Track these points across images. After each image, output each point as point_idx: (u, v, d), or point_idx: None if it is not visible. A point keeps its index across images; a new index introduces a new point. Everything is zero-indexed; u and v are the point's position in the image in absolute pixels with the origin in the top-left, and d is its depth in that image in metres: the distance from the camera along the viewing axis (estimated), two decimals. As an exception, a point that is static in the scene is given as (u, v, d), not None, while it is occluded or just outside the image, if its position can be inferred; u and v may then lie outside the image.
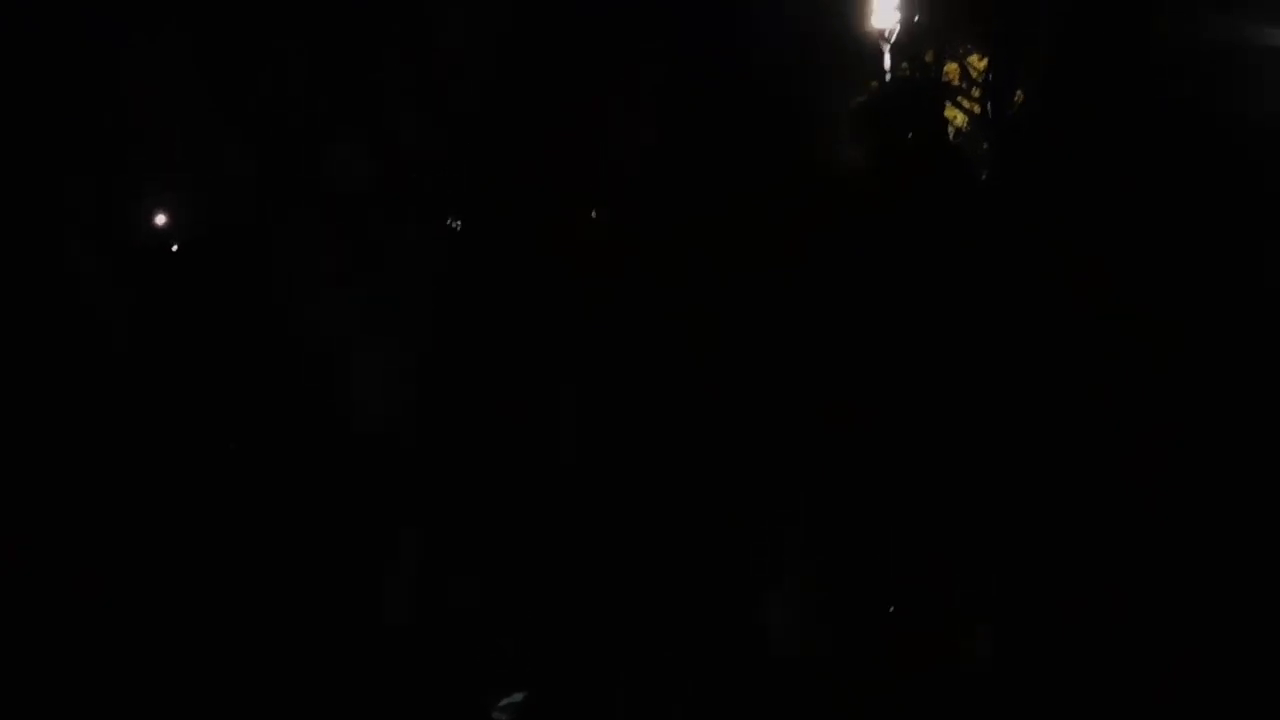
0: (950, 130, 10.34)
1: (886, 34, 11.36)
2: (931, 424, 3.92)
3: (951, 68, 11.61)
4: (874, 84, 11.21)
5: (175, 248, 7.10)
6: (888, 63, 11.50)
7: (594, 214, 7.11)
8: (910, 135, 6.08)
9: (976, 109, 10.98)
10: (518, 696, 4.18)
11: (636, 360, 4.50)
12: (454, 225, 7.72)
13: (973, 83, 11.54)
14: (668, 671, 3.94)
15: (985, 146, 10.39)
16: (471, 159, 7.61)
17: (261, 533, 4.43)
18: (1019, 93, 10.39)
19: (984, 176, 8.60)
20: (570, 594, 4.20)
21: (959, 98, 11.24)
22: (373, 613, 4.23)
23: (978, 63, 11.44)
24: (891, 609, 3.83)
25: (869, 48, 11.38)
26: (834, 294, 4.37)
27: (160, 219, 7.68)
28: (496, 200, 7.39)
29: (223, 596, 4.29)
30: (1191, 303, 3.22)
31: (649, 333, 4.56)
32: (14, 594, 4.33)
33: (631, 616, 4.13)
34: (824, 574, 3.95)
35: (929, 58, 11.58)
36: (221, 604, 4.27)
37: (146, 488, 4.57)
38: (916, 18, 11.27)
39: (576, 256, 5.39)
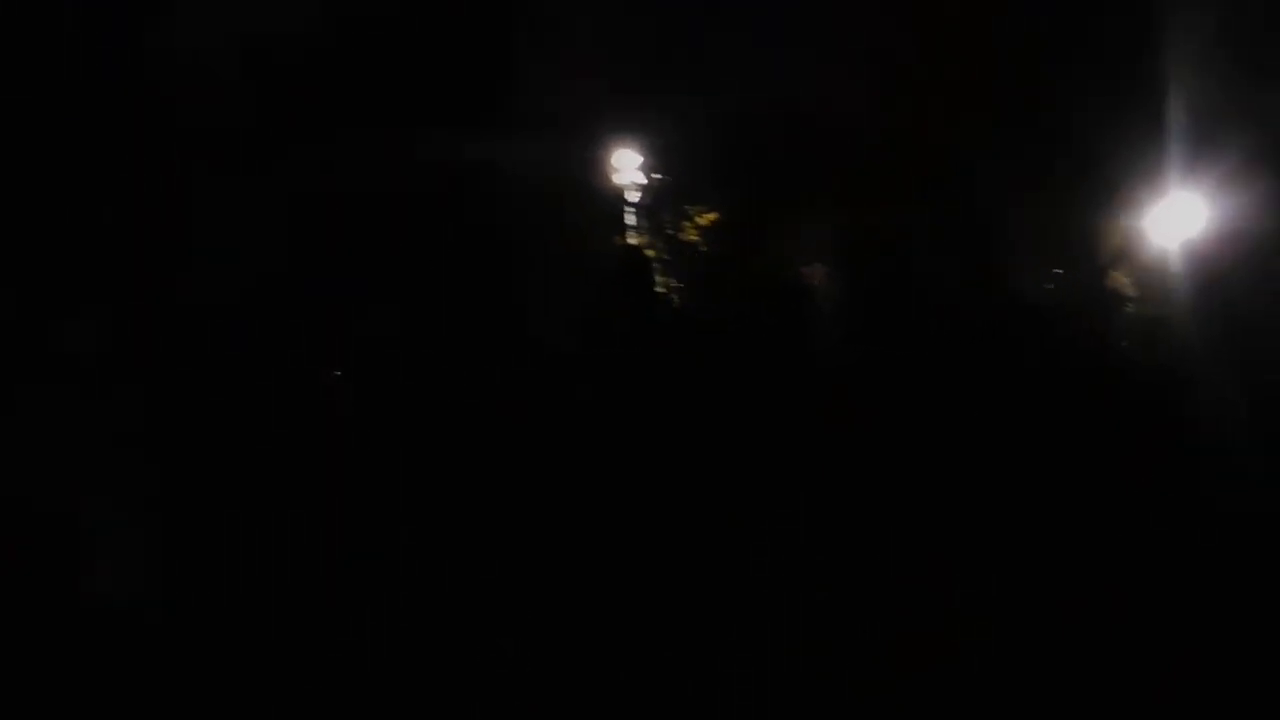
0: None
1: (629, 191, 11.98)
2: (931, 423, 4.05)
3: (705, 220, 12.37)
4: (617, 239, 11.73)
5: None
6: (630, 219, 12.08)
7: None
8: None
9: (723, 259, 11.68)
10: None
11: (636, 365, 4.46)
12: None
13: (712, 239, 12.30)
14: (668, 671, 3.77)
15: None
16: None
17: (260, 532, 4.05)
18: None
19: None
20: (570, 594, 3.96)
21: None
22: (367, 614, 3.88)
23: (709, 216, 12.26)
24: (891, 609, 3.82)
25: (612, 205, 11.94)
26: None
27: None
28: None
29: (228, 597, 3.91)
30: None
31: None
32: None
33: (632, 616, 3.93)
34: (824, 574, 3.90)
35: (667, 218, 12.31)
36: (220, 605, 3.86)
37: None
38: (659, 177, 12.00)
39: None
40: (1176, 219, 7.74)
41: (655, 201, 12.20)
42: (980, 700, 3.76)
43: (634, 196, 12.18)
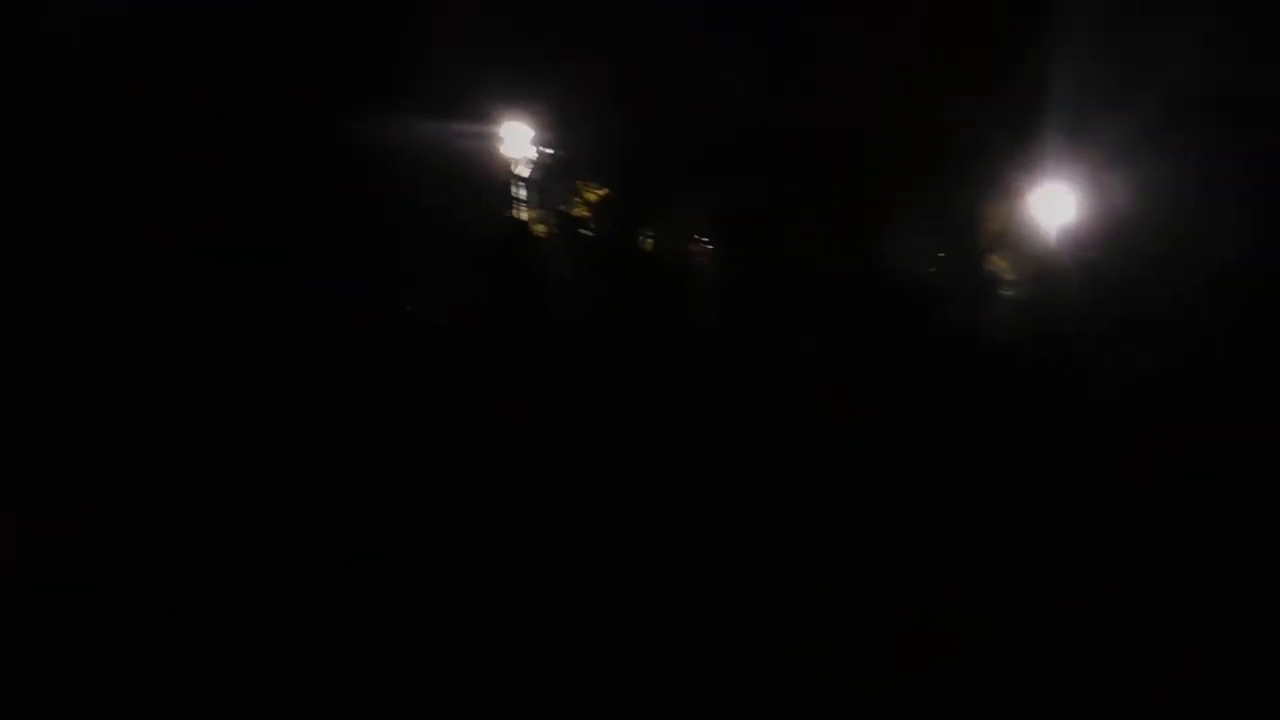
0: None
1: (518, 166, 11.82)
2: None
3: (594, 196, 12.26)
4: (505, 214, 11.58)
5: None
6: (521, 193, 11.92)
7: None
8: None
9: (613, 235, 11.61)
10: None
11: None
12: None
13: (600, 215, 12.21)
14: (668, 671, 3.75)
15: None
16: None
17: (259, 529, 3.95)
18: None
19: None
20: (570, 594, 3.94)
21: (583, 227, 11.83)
22: (372, 614, 3.82)
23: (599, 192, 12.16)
24: (892, 609, 3.83)
25: (501, 179, 11.78)
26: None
27: None
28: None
29: (213, 596, 3.81)
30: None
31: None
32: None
33: (632, 617, 3.92)
34: (823, 573, 3.90)
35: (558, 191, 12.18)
36: (216, 603, 3.77)
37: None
38: (550, 151, 11.86)
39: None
40: (1054, 205, 7.89)
41: (545, 177, 12.06)
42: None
43: (523, 171, 12.02)
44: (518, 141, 12.04)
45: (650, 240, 9.75)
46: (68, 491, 4.17)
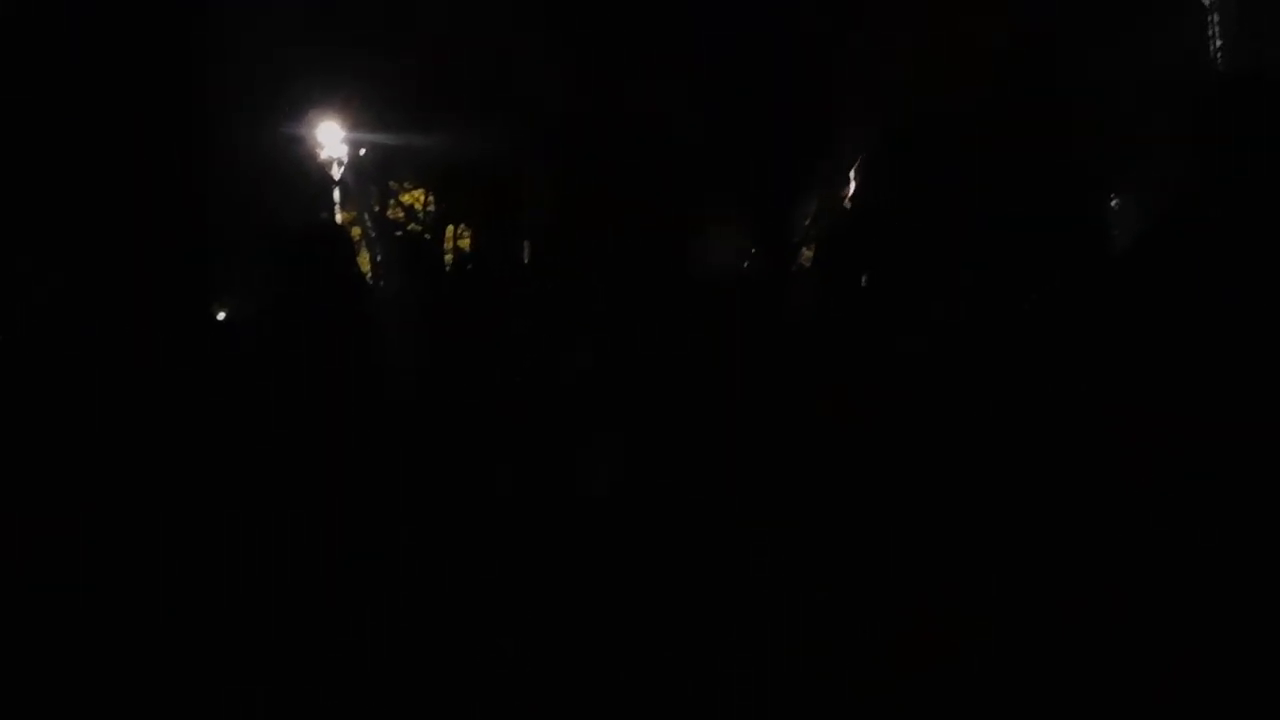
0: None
1: (332, 167, 11.72)
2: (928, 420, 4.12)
3: (410, 198, 12.16)
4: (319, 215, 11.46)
5: None
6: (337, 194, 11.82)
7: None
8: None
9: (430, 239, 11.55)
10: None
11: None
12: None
13: (415, 216, 12.16)
14: (667, 672, 3.77)
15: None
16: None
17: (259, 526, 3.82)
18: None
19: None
20: (570, 594, 3.94)
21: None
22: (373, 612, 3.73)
23: (421, 197, 12.11)
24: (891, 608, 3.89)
25: (316, 180, 11.65)
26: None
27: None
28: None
29: (212, 593, 3.67)
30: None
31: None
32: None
33: (631, 616, 3.93)
34: (823, 574, 3.95)
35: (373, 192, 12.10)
36: (214, 600, 3.63)
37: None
38: (363, 152, 11.76)
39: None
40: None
41: (360, 178, 11.95)
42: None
43: (337, 173, 11.90)
44: (332, 142, 11.91)
45: (464, 241, 9.76)
46: None
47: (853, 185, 4.66)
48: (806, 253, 8.58)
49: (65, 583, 4.04)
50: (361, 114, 11.43)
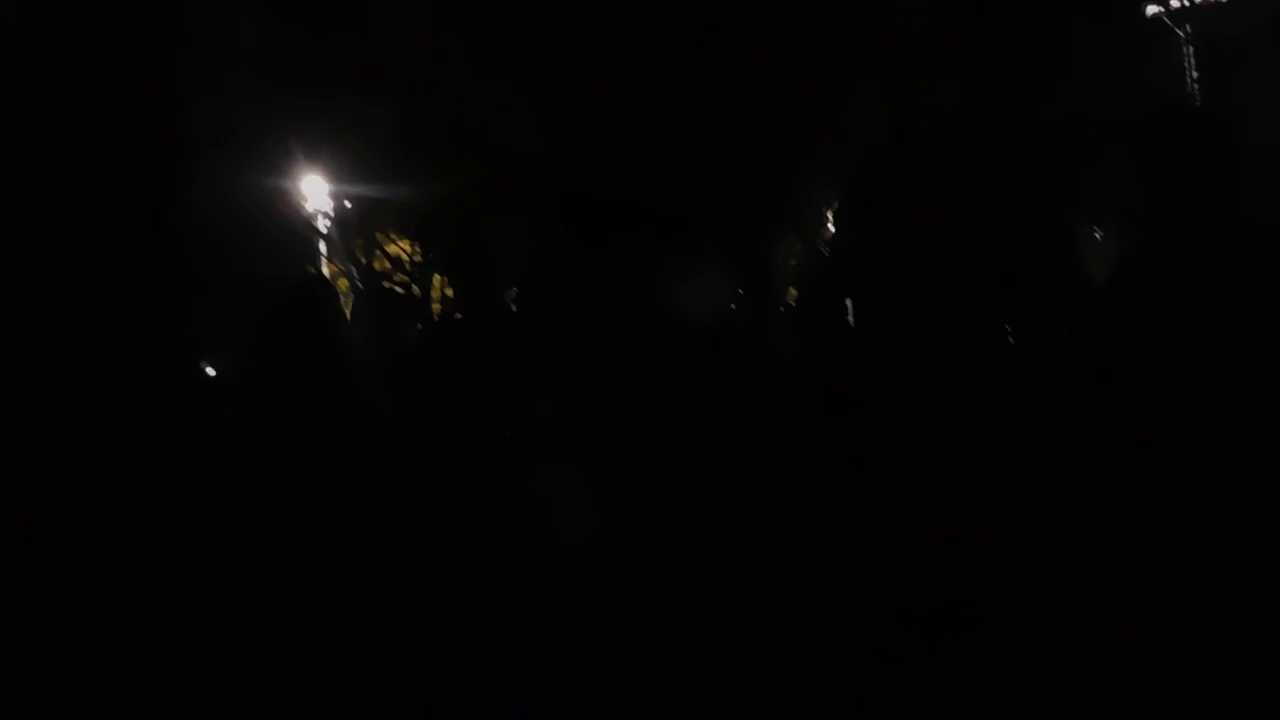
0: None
1: (317, 219, 11.75)
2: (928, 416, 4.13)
3: (396, 249, 12.21)
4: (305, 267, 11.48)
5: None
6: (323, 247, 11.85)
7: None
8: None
9: (416, 289, 11.60)
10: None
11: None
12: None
13: (401, 267, 12.20)
14: (667, 672, 3.76)
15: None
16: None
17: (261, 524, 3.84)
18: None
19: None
20: (570, 593, 3.94)
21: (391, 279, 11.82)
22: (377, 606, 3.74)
23: (407, 247, 12.16)
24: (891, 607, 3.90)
25: (301, 233, 11.68)
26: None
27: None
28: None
29: (222, 591, 3.68)
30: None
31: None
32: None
33: (631, 616, 3.93)
34: (821, 572, 3.96)
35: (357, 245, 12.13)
36: (220, 599, 3.64)
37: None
38: (347, 204, 11.81)
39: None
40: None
41: (345, 229, 11.98)
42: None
43: (322, 225, 11.93)
44: (317, 195, 11.94)
45: (450, 290, 9.77)
46: None
47: (831, 227, 4.72)
48: (793, 291, 8.63)
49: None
50: (342, 165, 11.48)
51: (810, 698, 3.70)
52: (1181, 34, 12.37)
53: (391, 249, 12.54)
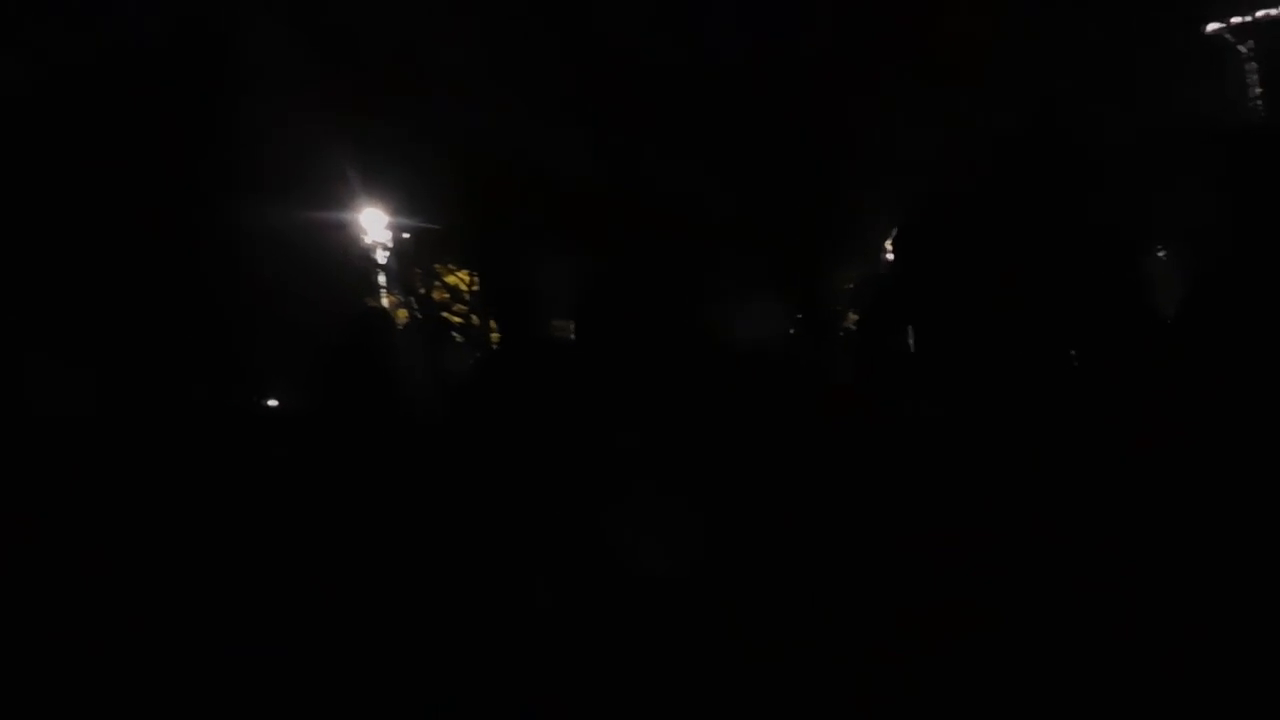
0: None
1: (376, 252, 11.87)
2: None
3: (454, 280, 12.28)
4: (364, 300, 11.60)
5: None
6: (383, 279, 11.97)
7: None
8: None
9: (476, 319, 11.66)
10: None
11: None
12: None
13: (460, 297, 12.27)
14: (666, 672, 3.74)
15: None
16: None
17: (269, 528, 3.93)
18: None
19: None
20: (569, 593, 3.93)
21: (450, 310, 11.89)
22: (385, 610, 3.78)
23: (466, 278, 12.22)
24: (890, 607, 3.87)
25: (360, 265, 11.82)
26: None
27: None
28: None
29: (229, 592, 3.74)
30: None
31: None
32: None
33: (630, 616, 3.91)
34: (820, 571, 3.94)
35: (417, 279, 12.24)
36: (228, 600, 3.71)
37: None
38: (405, 236, 11.93)
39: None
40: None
41: (403, 261, 12.09)
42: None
43: (381, 258, 12.04)
44: (375, 227, 12.07)
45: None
46: None
47: (890, 254, 4.66)
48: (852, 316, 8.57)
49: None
50: (399, 198, 11.60)
51: (810, 698, 3.66)
52: (1244, 50, 12.23)
53: (450, 279, 12.61)
